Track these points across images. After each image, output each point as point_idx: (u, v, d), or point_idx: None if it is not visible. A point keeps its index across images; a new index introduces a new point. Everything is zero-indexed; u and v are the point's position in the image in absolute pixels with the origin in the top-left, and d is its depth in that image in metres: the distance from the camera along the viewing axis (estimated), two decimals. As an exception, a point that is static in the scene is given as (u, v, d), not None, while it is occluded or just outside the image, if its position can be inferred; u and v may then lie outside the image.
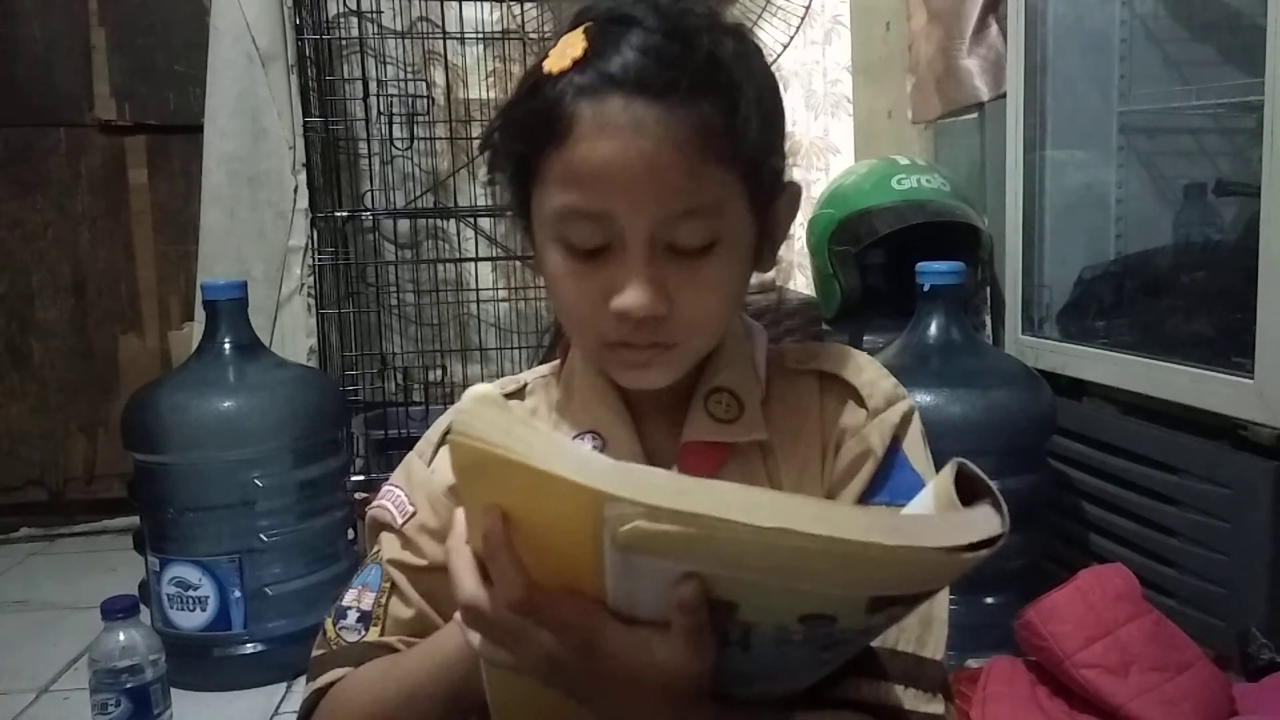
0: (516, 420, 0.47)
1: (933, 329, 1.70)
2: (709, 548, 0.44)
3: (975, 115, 2.22)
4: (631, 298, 0.63)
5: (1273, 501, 1.39)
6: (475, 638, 0.55)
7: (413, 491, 0.74)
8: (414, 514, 0.73)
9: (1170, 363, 1.59)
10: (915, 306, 1.73)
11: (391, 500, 0.74)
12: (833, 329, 2.25)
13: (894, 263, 2.22)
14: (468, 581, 0.54)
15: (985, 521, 0.45)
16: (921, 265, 1.72)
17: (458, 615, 0.56)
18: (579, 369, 0.73)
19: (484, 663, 0.58)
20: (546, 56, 0.64)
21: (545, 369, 0.78)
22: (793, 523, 0.43)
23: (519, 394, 0.77)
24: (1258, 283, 1.38)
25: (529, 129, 0.64)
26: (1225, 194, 1.80)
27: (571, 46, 0.63)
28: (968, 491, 0.48)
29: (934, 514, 0.48)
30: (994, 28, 2.16)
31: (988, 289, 2.15)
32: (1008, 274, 2.02)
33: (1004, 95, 2.03)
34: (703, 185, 0.62)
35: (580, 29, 0.63)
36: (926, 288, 1.71)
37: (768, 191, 0.68)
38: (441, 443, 0.75)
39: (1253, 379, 1.40)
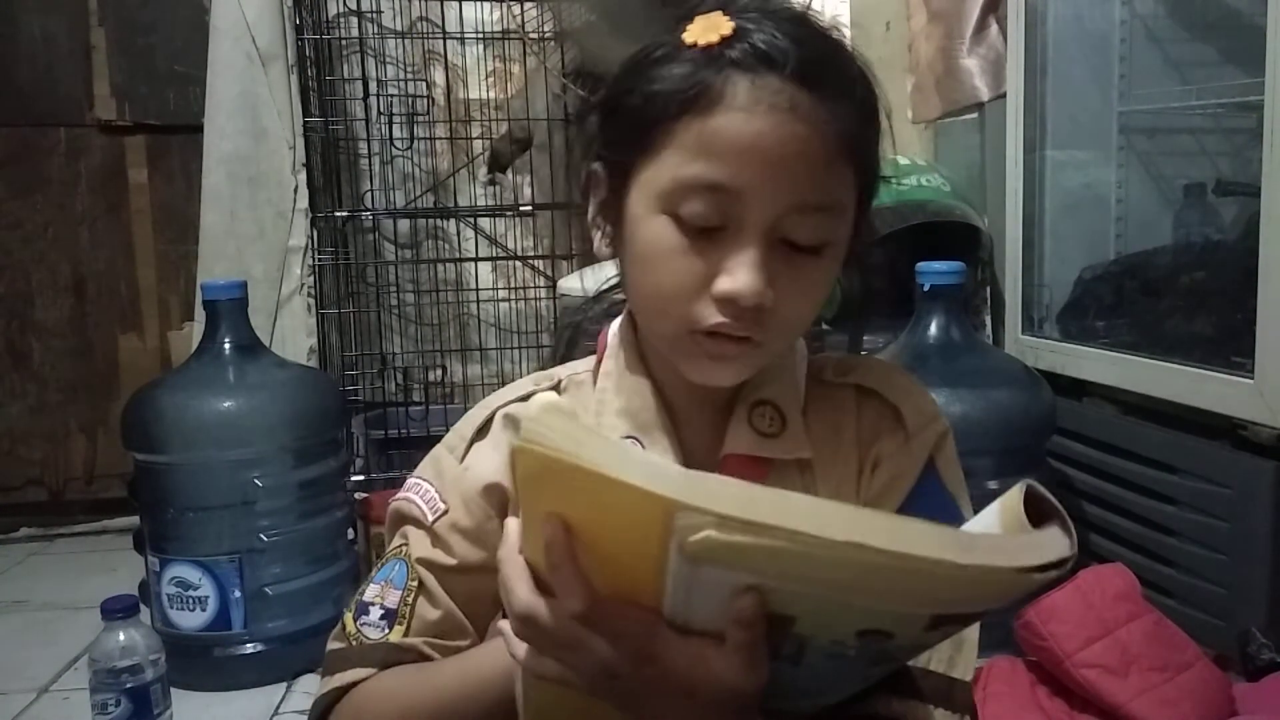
0: (586, 429, 0.47)
1: (933, 329, 1.70)
2: (779, 560, 0.44)
3: (975, 115, 2.22)
4: (743, 281, 0.60)
5: (1273, 501, 1.39)
6: (521, 650, 0.54)
7: (444, 488, 0.71)
8: (445, 511, 0.70)
9: (1170, 363, 1.59)
10: (915, 306, 1.73)
11: (420, 495, 0.72)
12: (833, 329, 2.25)
13: (894, 263, 2.22)
14: (523, 591, 0.53)
15: (1055, 543, 0.45)
16: (921, 265, 1.72)
17: (503, 626, 0.55)
18: (619, 370, 0.71)
19: (524, 676, 0.57)
20: (684, 30, 0.63)
21: (580, 366, 0.75)
22: (866, 537, 0.42)
23: (553, 391, 0.74)
24: (1258, 283, 1.38)
25: (663, 93, 0.62)
26: (1225, 194, 1.80)
27: (717, 23, 0.62)
28: (1035, 513, 0.48)
29: (1004, 534, 0.48)
30: (994, 28, 2.16)
31: (988, 289, 2.15)
32: (1008, 274, 2.02)
33: (1004, 95, 2.03)
34: (836, 183, 0.62)
35: (718, 11, 0.63)
36: (926, 288, 1.71)
37: (869, 209, 0.68)
38: (475, 438, 0.73)
39: (1253, 379, 1.40)
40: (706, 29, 0.62)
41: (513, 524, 0.55)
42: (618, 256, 0.69)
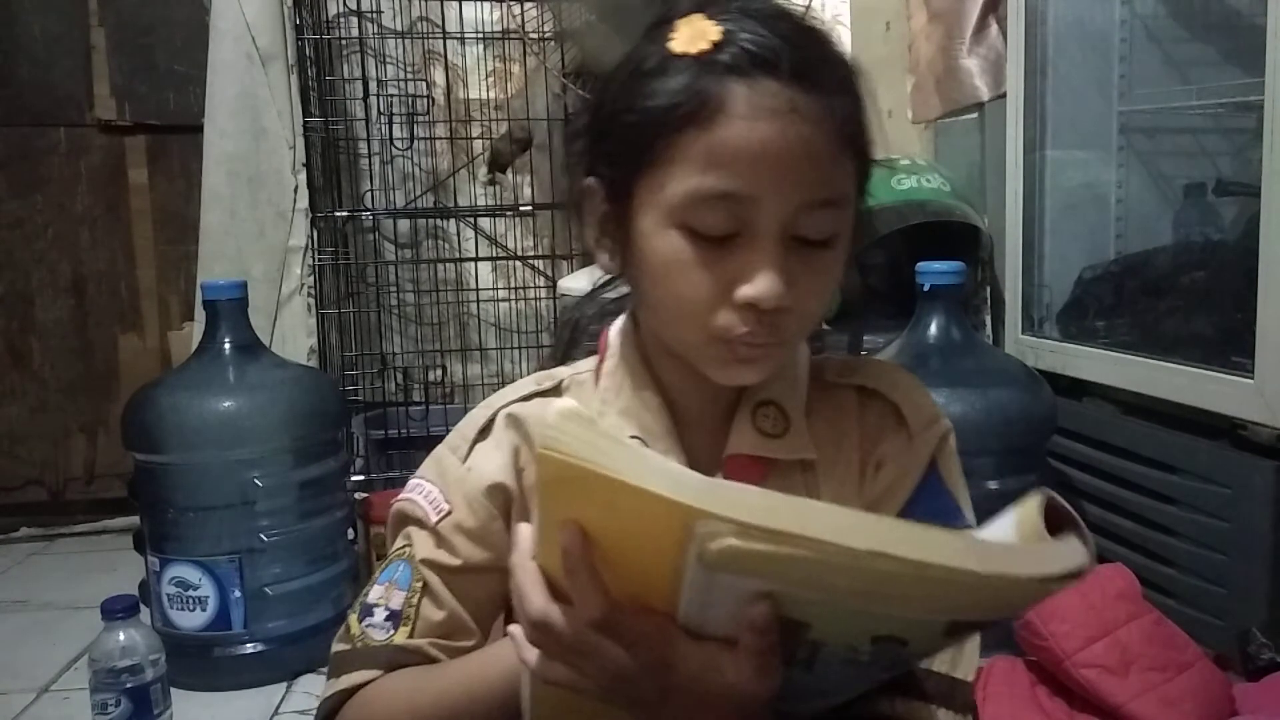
0: (605, 436, 0.47)
1: (933, 329, 1.70)
2: (799, 568, 0.44)
3: (975, 115, 2.22)
4: (764, 287, 0.61)
5: (1273, 501, 1.39)
6: (533, 655, 0.54)
7: (448, 489, 0.71)
8: (449, 512, 0.70)
9: (1170, 362, 1.59)
10: (915, 306, 1.73)
11: (423, 495, 0.72)
12: (833, 329, 2.24)
13: (894, 263, 2.22)
14: (537, 598, 0.53)
15: (1073, 552, 0.46)
16: (921, 265, 1.72)
17: (514, 630, 0.55)
18: (622, 371, 0.71)
19: (532, 681, 0.57)
20: (669, 39, 0.62)
21: (582, 366, 0.75)
22: (887, 546, 0.42)
23: (555, 391, 0.74)
24: (1258, 283, 1.38)
25: (661, 108, 0.61)
26: (1225, 194, 1.80)
27: (704, 30, 0.61)
28: (1052, 522, 0.49)
29: (1022, 543, 0.48)
30: (994, 28, 2.16)
31: (988, 289, 2.15)
32: (1008, 274, 2.02)
33: (1004, 95, 2.03)
34: (841, 176, 0.63)
35: (699, 14, 0.62)
36: (926, 288, 1.71)
37: (865, 194, 0.68)
38: (478, 439, 0.72)
39: (1253, 379, 1.40)
40: (694, 37, 0.61)
41: (525, 529, 0.55)
42: (627, 272, 0.69)
